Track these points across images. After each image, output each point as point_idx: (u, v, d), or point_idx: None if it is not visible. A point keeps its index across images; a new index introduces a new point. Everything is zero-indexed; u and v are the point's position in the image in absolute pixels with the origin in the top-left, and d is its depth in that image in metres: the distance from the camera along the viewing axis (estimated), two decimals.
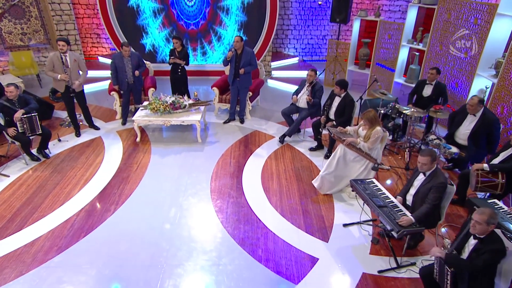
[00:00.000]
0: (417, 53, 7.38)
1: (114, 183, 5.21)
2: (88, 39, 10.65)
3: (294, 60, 10.47)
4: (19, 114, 5.26)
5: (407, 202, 3.96)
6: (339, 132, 5.08)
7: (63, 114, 7.31)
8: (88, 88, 8.31)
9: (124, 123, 6.93)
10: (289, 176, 5.44)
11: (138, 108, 6.50)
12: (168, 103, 6.13)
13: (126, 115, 6.95)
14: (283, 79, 9.44)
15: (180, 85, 7.21)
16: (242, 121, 7.10)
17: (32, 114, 5.37)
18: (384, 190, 4.05)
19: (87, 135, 6.54)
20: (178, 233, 4.30)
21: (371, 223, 4.47)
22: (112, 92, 6.92)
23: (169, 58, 6.99)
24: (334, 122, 5.75)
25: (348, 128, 5.16)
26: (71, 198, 4.89)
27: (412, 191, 3.91)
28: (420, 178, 3.85)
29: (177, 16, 9.18)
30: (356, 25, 8.32)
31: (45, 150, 5.84)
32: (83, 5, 10.20)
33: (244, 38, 7.43)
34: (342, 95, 5.71)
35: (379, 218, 3.76)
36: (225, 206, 4.78)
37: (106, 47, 10.85)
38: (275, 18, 8.83)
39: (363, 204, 4.00)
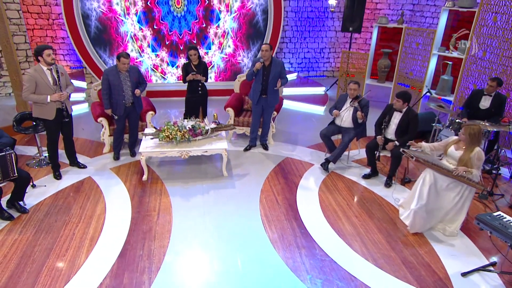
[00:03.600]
0: (449, 62, 7.07)
1: (135, 241, 4.00)
2: None
3: (293, 76, 9.85)
4: None
5: None
6: (424, 154, 4.38)
7: (28, 150, 5.90)
8: None
9: (117, 158, 5.68)
10: (358, 213, 4.60)
11: (136, 138, 5.34)
12: (187, 128, 5.06)
13: (120, 147, 5.71)
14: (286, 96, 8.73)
15: (198, 107, 6.18)
16: (266, 147, 6.19)
17: (7, 153, 4.03)
18: None
19: (70, 176, 5.21)
20: None
21: (492, 268, 3.75)
22: (100, 118, 5.68)
23: (184, 75, 5.97)
24: (396, 142, 5.07)
25: (423, 144, 4.50)
26: (79, 270, 3.60)
27: None
28: None
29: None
30: (374, 34, 7.90)
31: (19, 202, 4.46)
32: (33, 13, 8.82)
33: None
34: (404, 109, 5.08)
35: None
36: (300, 261, 3.79)
37: (64, 65, 9.43)
38: (280, 25, 8.20)
39: (509, 248, 3.27)
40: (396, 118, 5.13)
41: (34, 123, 5.48)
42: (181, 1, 8.10)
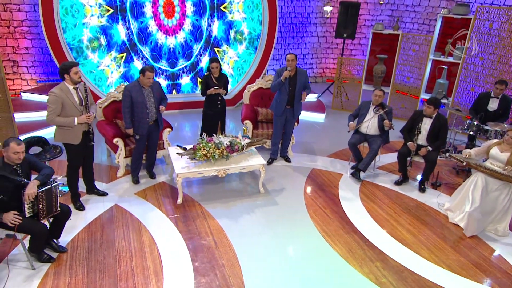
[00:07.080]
0: (445, 67, 7.66)
1: (204, 270, 3.83)
2: None
3: None
4: (33, 188, 3.51)
5: None
6: (471, 159, 4.73)
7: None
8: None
9: (137, 181, 5.37)
10: (409, 221, 4.83)
11: (155, 158, 5.11)
12: (225, 145, 4.95)
13: (139, 169, 5.41)
14: None
15: (217, 121, 6.05)
16: (288, 160, 6.23)
17: (52, 185, 3.67)
18: None
19: (94, 206, 4.84)
20: None
21: None
22: (116, 139, 5.34)
23: (203, 87, 5.84)
24: (429, 147, 5.40)
25: (471, 151, 4.85)
26: None
27: None
28: None
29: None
30: (370, 40, 8.31)
31: (54, 240, 4.06)
32: None
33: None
34: (434, 115, 5.42)
35: None
36: (381, 274, 3.90)
37: (28, 78, 8.69)
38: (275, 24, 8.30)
39: None
40: (427, 124, 5.45)
41: (42, 149, 5.02)
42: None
